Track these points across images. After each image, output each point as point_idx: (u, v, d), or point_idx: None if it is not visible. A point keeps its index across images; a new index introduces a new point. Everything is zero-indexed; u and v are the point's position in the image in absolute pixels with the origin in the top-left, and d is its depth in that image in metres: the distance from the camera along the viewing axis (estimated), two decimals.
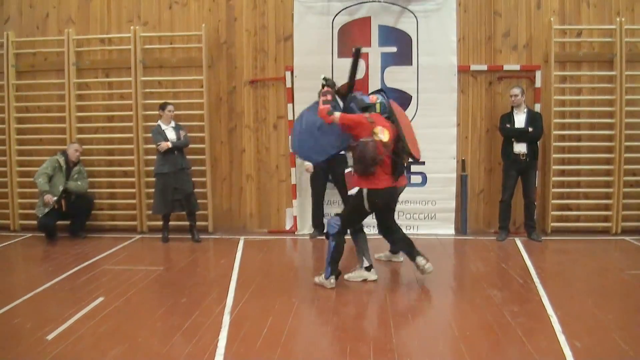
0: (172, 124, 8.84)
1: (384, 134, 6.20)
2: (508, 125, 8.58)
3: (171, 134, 8.75)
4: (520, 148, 8.54)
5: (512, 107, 8.69)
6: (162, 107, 8.84)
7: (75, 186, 9.13)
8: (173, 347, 4.83)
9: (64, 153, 9.17)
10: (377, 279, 6.59)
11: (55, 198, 8.96)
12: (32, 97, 9.88)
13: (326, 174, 8.85)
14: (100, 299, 6.04)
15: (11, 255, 8.73)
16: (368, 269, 6.66)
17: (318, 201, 9.07)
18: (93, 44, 9.76)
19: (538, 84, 9.06)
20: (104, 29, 9.71)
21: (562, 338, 4.77)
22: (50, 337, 5.04)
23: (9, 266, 8.11)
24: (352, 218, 6.50)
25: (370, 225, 8.04)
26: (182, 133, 8.82)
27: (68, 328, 5.25)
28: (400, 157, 6.37)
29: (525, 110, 8.64)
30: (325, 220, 7.61)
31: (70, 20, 9.73)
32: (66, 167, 9.09)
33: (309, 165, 8.77)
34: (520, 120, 8.59)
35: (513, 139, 8.56)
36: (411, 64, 9.19)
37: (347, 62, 9.12)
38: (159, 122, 8.82)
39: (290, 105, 9.27)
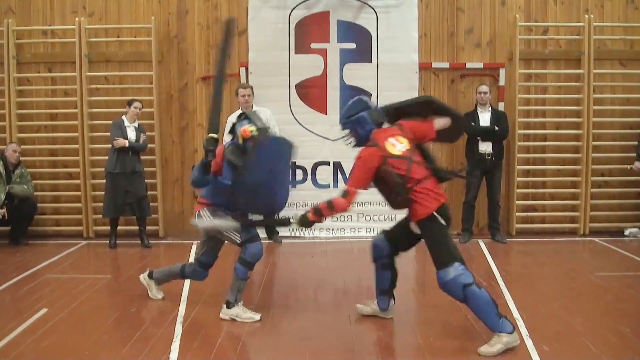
0: (136, 123, 8.64)
1: (397, 144, 5.05)
2: (473, 124, 8.59)
3: (132, 134, 8.54)
4: (485, 147, 8.57)
5: (476, 106, 8.71)
6: (129, 102, 8.64)
7: (21, 190, 8.82)
8: (122, 359, 4.69)
9: (1, 155, 8.85)
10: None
11: (2, 208, 8.69)
12: None
13: None
14: (44, 311, 5.83)
15: None
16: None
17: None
18: (35, 35, 9.48)
19: (502, 82, 9.11)
20: (46, 20, 9.42)
21: (529, 342, 4.75)
22: None
23: None
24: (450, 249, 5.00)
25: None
26: (142, 136, 8.63)
27: (8, 343, 5.04)
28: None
29: (490, 109, 8.67)
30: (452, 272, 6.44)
31: (9, 10, 9.41)
32: (6, 172, 8.77)
33: None
34: (485, 118, 8.62)
35: (478, 138, 8.58)
36: (371, 61, 9.18)
37: (304, 58, 9.22)
38: (123, 117, 8.61)
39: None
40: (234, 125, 5.51)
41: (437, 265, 4.87)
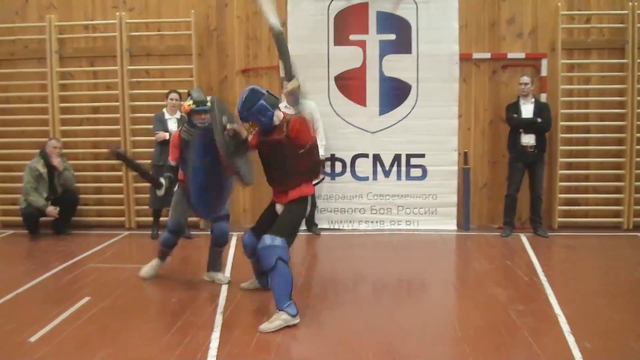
0: (177, 114, 8.70)
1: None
2: (515, 115, 8.54)
3: (173, 125, 8.59)
4: (528, 139, 8.49)
5: (519, 97, 8.63)
6: (166, 95, 8.78)
7: (70, 175, 9.14)
8: (163, 348, 4.80)
9: (43, 153, 9.05)
10: None
11: (54, 207, 8.98)
12: (13, 87, 9.81)
13: None
14: (86, 299, 5.99)
15: None
16: None
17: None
18: (76, 30, 9.68)
19: (544, 72, 8.99)
20: (87, 15, 9.63)
21: (570, 339, 4.73)
22: (33, 339, 4.99)
23: None
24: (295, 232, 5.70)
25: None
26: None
27: (52, 329, 5.20)
28: None
29: (532, 100, 8.59)
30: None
31: (51, 6, 9.65)
32: (48, 170, 9.00)
33: None
34: (527, 110, 8.53)
35: (520, 130, 8.51)
36: (411, 52, 9.11)
37: (344, 49, 9.23)
38: (164, 110, 8.75)
39: (283, 95, 9.21)
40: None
41: (272, 231, 5.33)
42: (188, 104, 6.23)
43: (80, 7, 9.63)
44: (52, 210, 8.93)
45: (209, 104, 5.96)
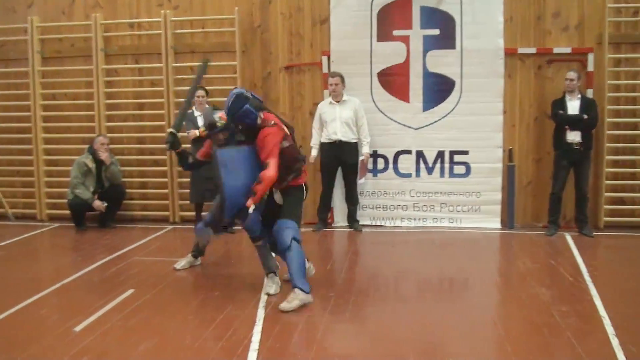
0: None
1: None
2: (561, 112, 8.45)
3: (202, 122, 8.74)
4: (573, 136, 8.39)
5: (565, 93, 8.53)
6: None
7: (116, 170, 9.39)
8: (205, 341, 4.92)
9: (91, 149, 9.32)
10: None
11: (102, 202, 9.25)
12: (59, 83, 10.08)
13: (336, 163, 8.96)
14: (131, 291, 6.17)
15: (38, 244, 8.99)
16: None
17: (327, 192, 9.15)
18: (121, 28, 9.91)
19: (590, 67, 8.85)
20: (132, 14, 9.84)
21: (615, 342, 4.69)
22: (77, 328, 5.17)
23: (36, 256, 8.39)
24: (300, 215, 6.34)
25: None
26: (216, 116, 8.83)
27: (96, 320, 5.37)
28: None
29: (579, 96, 8.49)
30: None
31: (97, 5, 9.89)
32: (96, 165, 9.27)
33: (312, 155, 8.98)
34: (574, 106, 8.43)
35: (566, 127, 8.41)
36: (455, 48, 9.08)
37: (387, 45, 9.25)
38: (193, 108, 8.92)
39: (326, 92, 9.25)
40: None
41: (283, 215, 5.89)
42: (202, 129, 6.43)
43: (126, 5, 9.84)
44: (100, 204, 9.18)
45: (219, 123, 6.06)
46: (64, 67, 10.03)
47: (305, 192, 6.17)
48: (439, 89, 9.13)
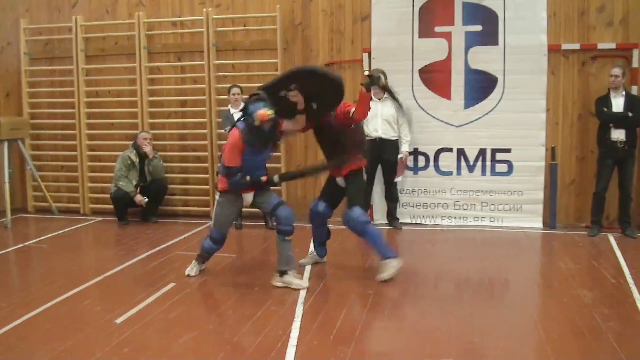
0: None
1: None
2: (605, 109, 8.36)
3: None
4: (618, 135, 8.28)
5: (609, 90, 8.42)
6: (228, 89, 9.05)
7: (159, 164, 9.60)
8: (244, 336, 5.01)
9: (135, 144, 9.56)
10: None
11: (143, 197, 9.47)
12: (103, 81, 10.33)
13: (376, 160, 8.93)
14: (171, 285, 6.32)
15: (82, 238, 9.22)
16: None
17: (366, 189, 9.12)
18: (164, 27, 10.10)
19: (635, 63, 8.70)
20: (175, 12, 10.01)
21: None
22: (118, 320, 5.33)
23: (79, 249, 8.60)
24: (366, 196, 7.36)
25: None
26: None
27: (137, 313, 5.53)
28: None
29: (624, 93, 8.38)
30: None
31: (140, 4, 10.10)
32: (139, 160, 9.51)
33: None
34: (618, 103, 8.33)
35: (610, 125, 8.31)
36: (497, 44, 9.01)
37: (428, 42, 9.24)
38: (229, 106, 9.03)
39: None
40: (246, 105, 6.06)
41: (350, 203, 6.51)
42: (269, 113, 5.88)
43: (168, 4, 10.02)
44: (141, 199, 9.39)
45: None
46: (108, 65, 10.28)
47: (364, 175, 6.67)
48: (481, 86, 9.08)
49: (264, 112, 5.82)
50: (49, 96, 10.64)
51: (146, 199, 9.46)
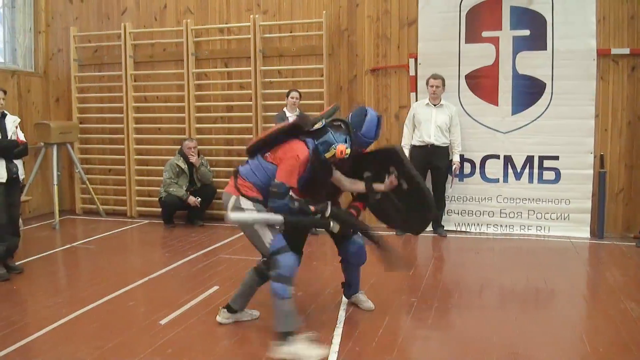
0: (297, 112, 9.01)
1: None
2: None
3: None
4: None
5: None
6: (287, 93, 9.15)
7: (206, 171, 9.81)
8: None
9: (181, 150, 9.79)
10: None
11: (195, 198, 9.71)
12: (151, 87, 10.63)
13: (425, 166, 8.96)
14: (215, 288, 6.47)
15: (128, 240, 9.49)
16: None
17: None
18: (212, 33, 10.33)
19: None
20: (222, 19, 10.23)
21: None
22: (163, 321, 5.49)
23: (125, 250, 8.83)
24: None
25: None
26: None
27: (181, 314, 5.69)
28: None
29: None
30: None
31: (188, 11, 10.35)
32: (187, 166, 9.74)
33: None
34: None
35: None
36: (545, 49, 8.97)
37: (475, 47, 9.24)
38: (284, 109, 9.16)
39: (413, 95, 9.39)
40: (325, 127, 5.05)
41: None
42: (347, 152, 5.01)
43: (216, 11, 10.25)
44: (194, 200, 9.63)
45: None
46: (156, 71, 10.56)
47: None
48: (528, 91, 9.05)
49: (344, 149, 4.95)
50: (98, 101, 10.99)
51: (199, 199, 9.69)
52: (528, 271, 7.27)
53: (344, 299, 6.05)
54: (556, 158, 8.95)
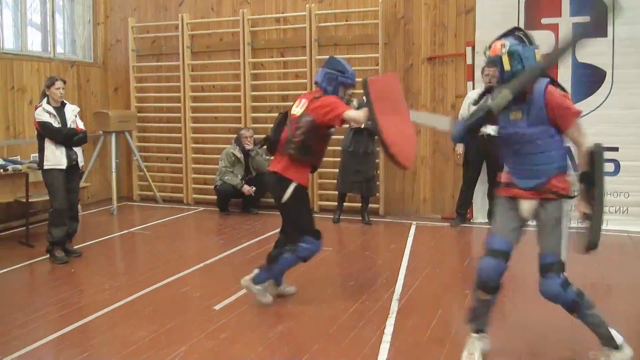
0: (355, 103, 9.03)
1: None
2: None
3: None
4: None
5: None
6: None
7: (262, 160, 9.96)
8: (339, 328, 5.19)
9: (237, 141, 9.97)
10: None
11: (250, 187, 9.90)
12: (207, 76, 10.84)
13: (482, 157, 8.98)
14: None
15: (184, 227, 9.72)
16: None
17: (469, 188, 9.18)
18: (268, 23, 10.47)
19: None
20: (278, 8, 10.36)
21: None
22: (217, 307, 5.67)
23: (181, 237, 9.06)
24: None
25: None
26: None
27: (235, 300, 5.86)
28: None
29: None
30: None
31: (244, 1, 10.52)
32: (243, 156, 9.93)
33: (458, 148, 9.06)
34: None
35: None
36: (606, 36, 8.78)
37: (534, 34, 8.97)
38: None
39: (470, 84, 9.35)
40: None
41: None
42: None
43: (272, 1, 10.38)
44: (248, 189, 9.83)
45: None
46: (213, 61, 10.77)
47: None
48: (588, 80, 8.90)
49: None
50: (156, 91, 11.31)
51: (254, 188, 9.87)
52: (585, 266, 7.08)
53: (398, 289, 6.14)
54: (616, 149, 8.75)
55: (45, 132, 7.20)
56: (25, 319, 5.43)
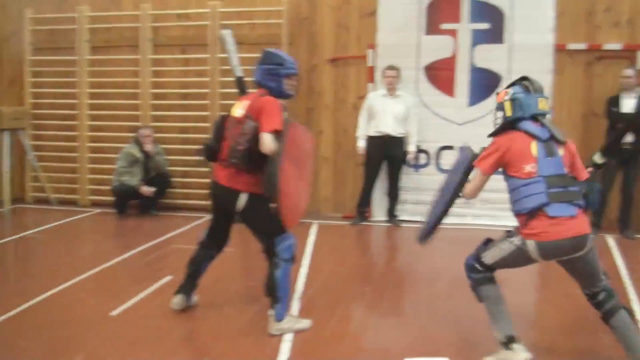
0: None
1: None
2: (614, 109, 8.41)
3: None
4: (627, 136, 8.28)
5: (619, 91, 8.48)
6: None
7: (161, 160, 9.86)
8: (240, 330, 5.17)
9: (136, 139, 9.77)
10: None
11: (149, 187, 9.72)
12: (106, 72, 10.53)
13: (381, 156, 9.16)
14: (168, 278, 6.42)
15: (80, 229, 9.44)
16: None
17: (370, 186, 9.34)
18: (170, 19, 10.30)
19: None
20: (181, 4, 10.20)
21: None
22: (114, 312, 5.49)
23: (76, 240, 8.80)
24: None
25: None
26: None
27: (133, 305, 5.70)
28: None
29: (635, 95, 8.37)
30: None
31: None
32: (143, 155, 9.73)
33: (360, 146, 9.20)
34: (629, 104, 8.35)
35: (619, 126, 8.30)
36: (503, 42, 9.14)
37: (434, 39, 9.33)
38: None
39: (370, 85, 9.50)
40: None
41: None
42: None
43: None
44: (147, 189, 9.64)
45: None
46: (112, 57, 10.48)
47: None
48: (485, 84, 9.19)
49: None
50: (52, 86, 10.84)
51: (153, 189, 9.69)
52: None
53: (299, 289, 6.15)
54: None
55: None
56: None
